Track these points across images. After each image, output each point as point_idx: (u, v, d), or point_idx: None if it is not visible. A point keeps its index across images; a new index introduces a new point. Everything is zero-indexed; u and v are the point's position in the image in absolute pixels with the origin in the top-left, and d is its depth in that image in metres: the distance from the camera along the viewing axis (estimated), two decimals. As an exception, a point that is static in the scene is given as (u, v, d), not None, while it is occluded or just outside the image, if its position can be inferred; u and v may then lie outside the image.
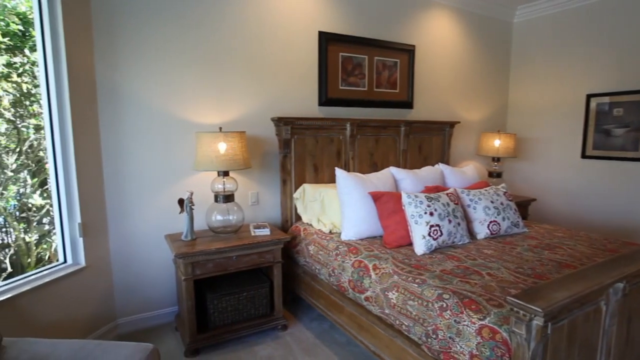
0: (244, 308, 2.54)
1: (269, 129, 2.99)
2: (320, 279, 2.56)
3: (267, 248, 2.51)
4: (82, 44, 2.31)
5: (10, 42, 2.66)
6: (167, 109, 2.64)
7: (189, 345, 2.34)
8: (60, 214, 2.33)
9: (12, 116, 2.82)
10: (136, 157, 2.57)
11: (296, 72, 3.08)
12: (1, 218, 2.99)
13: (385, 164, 3.40)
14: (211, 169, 2.44)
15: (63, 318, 2.24)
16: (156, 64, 2.57)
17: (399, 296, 1.91)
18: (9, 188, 2.86)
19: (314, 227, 2.80)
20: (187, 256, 2.26)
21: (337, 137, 3.17)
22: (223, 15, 2.75)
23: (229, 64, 2.80)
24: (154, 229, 2.66)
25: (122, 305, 2.63)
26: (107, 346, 1.57)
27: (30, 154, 2.98)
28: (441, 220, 2.37)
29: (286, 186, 3.00)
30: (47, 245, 3.18)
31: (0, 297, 1.92)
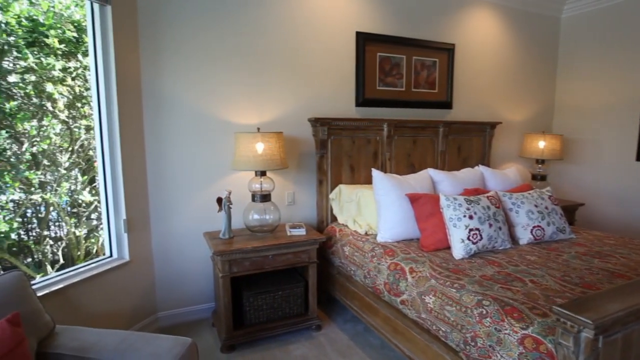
0: (279, 307, 2.57)
1: (306, 129, 3.01)
2: (355, 280, 2.54)
3: (302, 248, 2.52)
4: (129, 49, 2.42)
5: (66, 48, 2.84)
6: (207, 110, 2.71)
7: (225, 341, 2.40)
8: (107, 210, 2.45)
9: (66, 117, 3.01)
10: (177, 156, 2.66)
11: (333, 73, 3.08)
12: (55, 213, 3.19)
13: (423, 165, 3.33)
14: (249, 169, 2.49)
15: (108, 309, 2.35)
16: (197, 67, 2.65)
17: (436, 301, 1.86)
18: (62, 185, 3.05)
19: (350, 228, 2.78)
20: (225, 254, 2.31)
21: (374, 137, 3.14)
22: (261, 18, 2.79)
23: (268, 65, 2.85)
24: (193, 227, 2.74)
25: (162, 299, 2.73)
26: (148, 338, 1.62)
27: (81, 153, 3.16)
28: (481, 224, 2.29)
29: (322, 186, 3.00)
30: (94, 240, 3.36)
31: (53, 287, 2.04)
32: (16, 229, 2.91)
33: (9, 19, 2.57)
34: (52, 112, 2.90)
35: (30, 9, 2.68)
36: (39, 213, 3.11)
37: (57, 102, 2.89)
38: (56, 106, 2.90)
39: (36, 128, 2.86)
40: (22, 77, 2.71)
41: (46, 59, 2.77)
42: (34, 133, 2.86)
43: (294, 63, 2.93)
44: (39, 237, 3.11)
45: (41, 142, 2.90)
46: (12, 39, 2.60)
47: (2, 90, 2.63)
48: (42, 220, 3.13)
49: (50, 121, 2.90)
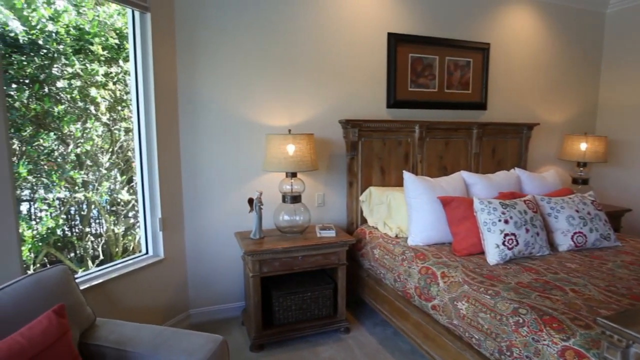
0: (307, 308, 2.57)
1: (336, 131, 3.01)
2: (385, 283, 2.51)
3: (332, 250, 2.52)
4: (166, 54, 2.51)
5: (108, 54, 2.98)
6: (239, 112, 2.77)
7: (255, 340, 2.43)
8: (144, 209, 2.55)
9: (107, 120, 3.16)
10: (210, 158, 2.73)
11: (364, 75, 3.06)
12: (95, 211, 3.35)
13: (456, 168, 3.25)
14: (280, 170, 2.52)
15: (143, 304, 2.44)
16: (230, 71, 2.71)
17: (469, 307, 1.81)
18: (102, 184, 3.20)
19: (380, 230, 2.76)
20: (255, 254, 2.35)
21: (405, 139, 3.10)
22: (292, 21, 2.82)
23: (299, 67, 2.87)
24: (225, 226, 2.80)
25: (194, 296, 2.80)
26: (182, 334, 1.67)
27: (120, 154, 3.30)
28: (517, 229, 2.20)
29: (352, 188, 2.99)
30: (131, 237, 3.50)
31: (94, 281, 2.14)
32: (61, 225, 3.07)
33: (59, 29, 2.73)
34: (95, 115, 3.04)
35: (77, 19, 2.83)
36: (81, 211, 3.28)
37: (100, 105, 3.04)
38: (99, 109, 3.05)
39: (80, 130, 3.01)
40: (69, 83, 2.87)
41: (90, 65, 2.92)
42: (79, 135, 3.02)
43: (326, 65, 2.94)
44: (81, 234, 3.27)
45: (85, 143, 3.05)
46: (61, 47, 2.75)
47: (51, 95, 2.79)
48: (84, 218, 3.30)
49: (93, 124, 3.05)
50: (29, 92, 2.70)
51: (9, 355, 1.15)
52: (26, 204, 2.87)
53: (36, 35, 2.64)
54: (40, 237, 2.89)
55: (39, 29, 2.65)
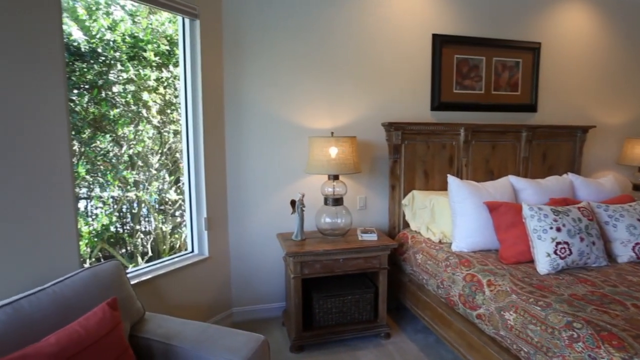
0: (348, 311, 2.56)
1: (379, 134, 2.98)
2: (427, 289, 2.45)
3: (373, 253, 2.49)
4: (214, 59, 2.60)
5: (160, 60, 3.13)
6: (283, 115, 2.81)
7: (294, 341, 2.44)
8: (191, 208, 2.64)
9: (158, 122, 3.32)
10: (254, 159, 2.79)
11: (408, 77, 3.02)
12: (145, 209, 3.52)
13: (503, 172, 3.11)
14: (322, 173, 2.53)
15: (188, 301, 2.52)
16: (273, 74, 2.76)
17: (517, 318, 1.72)
18: (152, 184, 3.36)
19: (423, 235, 2.69)
20: (297, 255, 2.36)
21: (450, 142, 3.01)
22: (335, 24, 2.83)
23: (342, 70, 2.88)
24: (267, 227, 2.85)
25: (236, 295, 2.87)
26: (225, 332, 1.71)
27: (169, 155, 3.46)
28: (571, 238, 2.08)
29: (395, 192, 2.94)
30: (178, 236, 3.64)
31: (143, 277, 2.24)
32: (114, 222, 3.26)
33: (116, 37, 2.90)
34: (146, 118, 3.20)
35: (132, 27, 3.00)
36: (132, 209, 3.45)
37: (151, 109, 3.20)
38: (150, 112, 3.21)
39: (133, 132, 3.18)
40: (123, 88, 3.04)
41: (143, 71, 3.08)
42: (132, 137, 3.19)
43: (369, 68, 2.93)
44: (132, 231, 3.45)
45: (137, 145, 3.22)
46: (118, 54, 2.93)
47: (108, 99, 2.98)
48: (135, 216, 3.47)
49: (145, 126, 3.21)
50: (89, 96, 2.90)
51: (69, 342, 1.23)
52: (83, 201, 3.07)
53: (96, 44, 2.83)
54: (95, 233, 3.08)
55: (98, 37, 2.83)
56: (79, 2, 2.84)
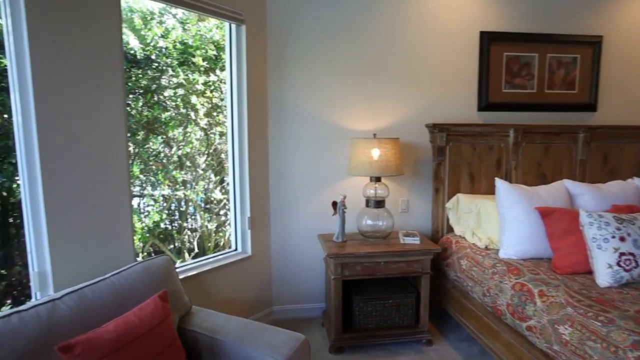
0: (388, 315, 2.52)
1: (422, 135, 2.91)
2: (472, 297, 2.36)
3: (416, 257, 2.44)
4: (258, 62, 2.66)
5: (207, 65, 3.26)
6: (325, 116, 2.82)
7: (334, 342, 2.44)
8: (235, 207, 2.71)
9: (205, 124, 3.45)
10: (296, 161, 2.83)
11: (453, 77, 2.93)
12: (192, 207, 3.68)
13: (557, 176, 2.93)
14: (364, 174, 2.51)
15: (231, 297, 2.60)
16: (316, 76, 2.78)
17: (573, 333, 1.61)
18: (199, 184, 3.50)
19: (468, 240, 2.60)
20: (338, 257, 2.36)
21: (498, 144, 2.88)
22: (378, 25, 2.80)
23: (384, 71, 2.84)
24: (308, 228, 2.87)
25: (277, 294, 2.91)
26: (267, 329, 1.74)
27: (215, 156, 3.59)
28: (637, 249, 1.91)
29: (439, 195, 2.86)
30: (222, 234, 3.76)
31: (189, 272, 2.34)
32: (164, 219, 3.43)
33: (168, 44, 3.06)
34: (194, 120, 3.35)
35: (183, 35, 3.15)
36: (180, 207, 3.62)
37: (199, 111, 3.34)
38: (198, 115, 3.35)
39: (182, 134, 3.34)
40: (174, 92, 3.20)
41: (192, 75, 3.22)
42: (181, 138, 3.34)
43: (412, 68, 2.87)
44: (180, 228, 3.61)
45: (185, 146, 3.37)
46: (169, 60, 3.08)
47: (160, 103, 3.14)
48: (183, 214, 3.64)
49: (193, 128, 3.36)
50: (143, 101, 3.07)
51: (125, 330, 1.31)
52: (137, 199, 3.26)
53: (150, 51, 2.99)
54: (147, 229, 3.26)
55: (152, 45, 3.00)
56: (136, 13, 3.03)
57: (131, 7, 3.00)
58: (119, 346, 1.27)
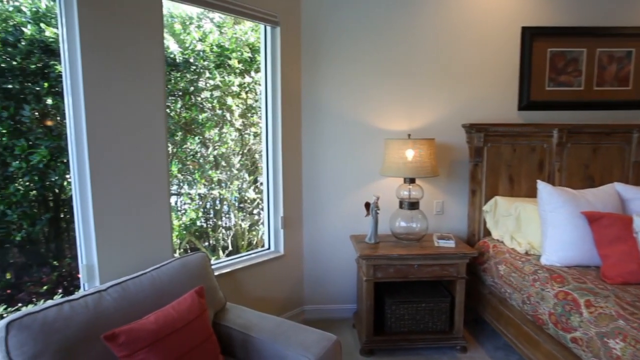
0: (421, 319, 2.47)
1: (458, 136, 2.83)
2: (510, 304, 2.27)
3: (450, 261, 2.38)
4: (292, 64, 2.69)
5: (242, 67, 3.33)
6: (358, 117, 2.80)
7: (365, 344, 2.42)
8: (268, 207, 2.75)
9: (239, 125, 3.52)
10: (329, 161, 2.83)
11: (492, 75, 2.82)
12: (226, 206, 3.76)
13: (606, 179, 2.76)
14: (398, 175, 2.47)
15: (264, 295, 2.63)
16: (349, 76, 2.77)
17: (626, 348, 1.51)
18: (233, 183, 3.58)
19: (506, 245, 2.50)
20: (370, 258, 2.34)
21: (540, 145, 2.75)
22: (413, 23, 2.75)
23: (420, 70, 2.79)
24: (340, 228, 2.86)
25: (309, 293, 2.92)
26: (299, 328, 1.75)
27: (248, 156, 3.65)
28: (697, 258, 1.77)
29: (475, 197, 2.77)
30: (255, 232, 3.83)
31: (223, 269, 2.39)
32: (200, 217, 3.53)
33: (205, 48, 3.15)
34: (229, 121, 3.43)
35: (219, 38, 3.23)
36: (215, 206, 3.71)
37: (234, 112, 3.41)
38: (233, 116, 3.42)
39: (218, 135, 3.42)
40: (211, 93, 3.29)
41: (228, 77, 3.30)
42: (217, 139, 3.43)
43: (449, 67, 2.80)
44: (215, 226, 3.71)
45: (221, 146, 3.46)
46: (206, 63, 3.17)
47: (197, 104, 3.24)
48: (218, 212, 3.73)
49: (228, 129, 3.44)
50: (181, 102, 3.18)
51: (165, 323, 1.36)
52: (174, 197, 3.38)
53: (188, 55, 3.09)
54: (184, 227, 3.37)
55: (190, 49, 3.09)
56: (176, 18, 3.14)
57: (171, 13, 3.11)
58: (159, 338, 1.32)
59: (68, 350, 1.27)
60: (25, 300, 2.60)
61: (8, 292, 2.56)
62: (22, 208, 2.54)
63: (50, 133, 2.56)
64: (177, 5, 3.08)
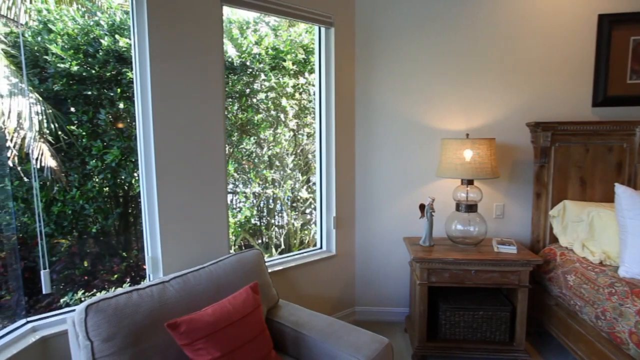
0: (478, 328, 2.35)
1: (521, 135, 2.66)
2: (581, 318, 2.08)
3: (512, 268, 2.23)
4: (346, 64, 2.68)
5: (296, 68, 3.39)
6: (413, 116, 2.73)
7: (417, 349, 2.35)
8: (321, 207, 2.76)
9: (293, 126, 3.59)
10: (382, 161, 2.78)
11: (561, 69, 2.62)
12: (279, 205, 3.84)
13: (699, 183, 2.45)
14: (454, 177, 2.37)
15: (315, 294, 2.65)
16: (404, 76, 2.70)
17: None
18: (287, 182, 3.65)
19: (577, 253, 2.30)
20: (424, 261, 2.27)
21: (619, 144, 2.50)
22: (474, 18, 2.63)
23: (479, 67, 2.66)
24: (393, 230, 2.81)
25: (360, 294, 2.90)
26: (350, 329, 1.73)
27: (302, 156, 3.71)
28: None
29: (540, 201, 2.59)
30: (307, 232, 3.87)
31: (276, 267, 2.44)
32: (254, 215, 3.64)
33: (261, 51, 3.24)
34: (284, 122, 3.50)
35: (274, 41, 3.31)
36: (269, 204, 3.81)
37: (288, 113, 3.48)
38: (287, 117, 3.49)
39: (272, 135, 3.51)
40: (266, 95, 3.38)
41: (282, 79, 3.37)
42: (271, 139, 3.52)
43: (512, 63, 2.63)
44: (268, 224, 3.80)
45: (275, 146, 3.54)
46: (262, 66, 3.27)
47: (253, 106, 3.35)
48: (271, 211, 3.82)
49: (282, 129, 3.51)
50: (238, 104, 3.30)
51: (221, 315, 1.41)
52: (230, 196, 3.52)
53: (245, 58, 3.20)
54: (239, 224, 3.49)
55: (247, 52, 3.20)
56: (234, 24, 3.26)
57: (229, 19, 3.24)
58: (216, 329, 1.37)
59: (135, 334, 1.37)
60: (99, 287, 2.85)
61: (85, 278, 2.82)
62: (97, 203, 2.78)
63: (122, 134, 2.78)
64: (235, 10, 3.21)
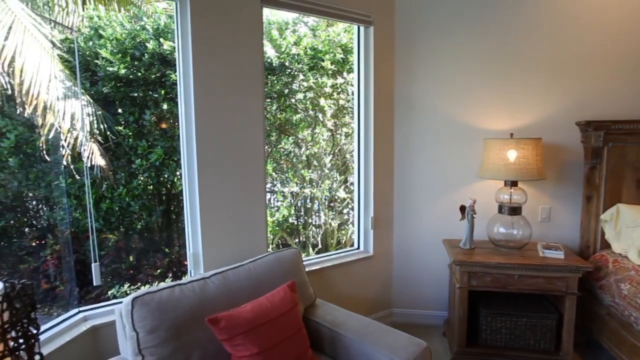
0: (521, 335, 2.26)
1: (570, 135, 2.52)
2: (636, 330, 1.95)
3: (558, 274, 2.13)
4: (385, 63, 2.66)
5: (335, 68, 3.40)
6: (454, 115, 2.67)
7: (456, 354, 2.30)
8: (359, 207, 2.76)
9: (331, 125, 3.60)
10: (421, 161, 2.74)
11: (615, 66, 2.45)
12: (317, 205, 3.88)
13: None
14: (497, 178, 2.29)
15: (352, 294, 2.65)
16: (445, 74, 2.64)
17: None
18: (324, 182, 3.67)
19: (632, 260, 2.15)
20: (465, 264, 2.21)
21: (682, 145, 2.32)
22: (517, 13, 2.52)
23: (525, 64, 2.54)
24: (432, 232, 2.76)
25: (397, 296, 2.87)
26: (387, 330, 1.73)
27: (339, 156, 3.71)
28: None
29: (591, 204, 2.45)
30: (344, 232, 3.88)
31: (313, 266, 2.46)
32: (292, 215, 3.70)
33: (299, 51, 3.28)
34: (322, 122, 3.52)
35: (313, 41, 3.34)
36: (306, 204, 3.85)
37: (326, 113, 3.50)
38: (325, 117, 3.51)
39: (310, 135, 3.54)
40: (304, 95, 3.41)
41: (321, 79, 3.39)
42: (309, 139, 3.55)
43: (561, 59, 2.50)
44: (305, 224, 3.85)
45: (313, 146, 3.57)
46: (300, 66, 3.31)
47: (291, 106, 3.40)
48: (308, 210, 3.86)
49: (320, 129, 3.54)
50: (277, 104, 3.36)
51: (260, 312, 1.46)
52: (268, 195, 3.59)
53: (284, 58, 3.25)
54: (277, 223, 3.56)
55: (285, 53, 3.25)
56: (273, 25, 3.33)
57: (269, 20, 3.31)
58: (254, 326, 1.41)
59: (177, 328, 1.44)
60: (143, 281, 3.01)
61: (130, 272, 2.99)
62: (142, 200, 2.94)
63: (165, 135, 2.92)
64: (274, 12, 3.26)
